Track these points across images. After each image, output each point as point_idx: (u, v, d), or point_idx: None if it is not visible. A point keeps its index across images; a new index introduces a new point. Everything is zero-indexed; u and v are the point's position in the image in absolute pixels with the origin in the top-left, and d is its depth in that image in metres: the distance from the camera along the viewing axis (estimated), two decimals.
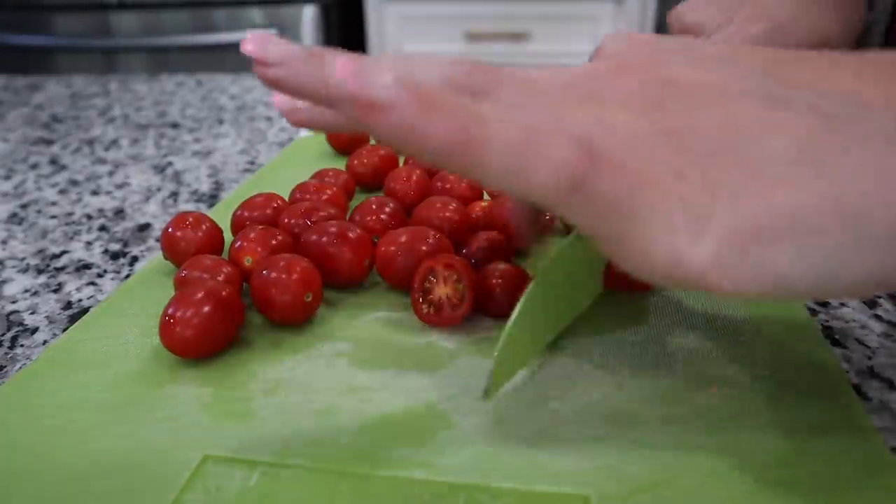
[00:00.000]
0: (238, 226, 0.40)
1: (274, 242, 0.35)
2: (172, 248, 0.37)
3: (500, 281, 0.33)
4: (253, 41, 0.22)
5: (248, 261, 0.35)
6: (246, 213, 0.40)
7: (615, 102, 0.22)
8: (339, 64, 0.19)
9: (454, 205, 0.38)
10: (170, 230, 0.37)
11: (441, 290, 0.32)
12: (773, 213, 0.19)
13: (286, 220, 0.38)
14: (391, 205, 0.39)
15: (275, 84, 0.22)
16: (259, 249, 0.35)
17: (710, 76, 0.22)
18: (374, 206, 0.39)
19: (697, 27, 0.35)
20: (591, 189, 0.19)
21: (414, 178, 0.43)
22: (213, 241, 0.37)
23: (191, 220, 0.37)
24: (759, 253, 0.19)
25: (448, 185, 0.42)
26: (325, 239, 0.35)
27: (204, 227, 0.37)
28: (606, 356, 0.30)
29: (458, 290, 0.32)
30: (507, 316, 0.31)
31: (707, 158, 0.20)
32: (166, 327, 0.29)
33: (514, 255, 0.37)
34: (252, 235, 0.35)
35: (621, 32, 0.26)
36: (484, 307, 0.33)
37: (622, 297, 0.34)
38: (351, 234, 0.35)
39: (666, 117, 0.21)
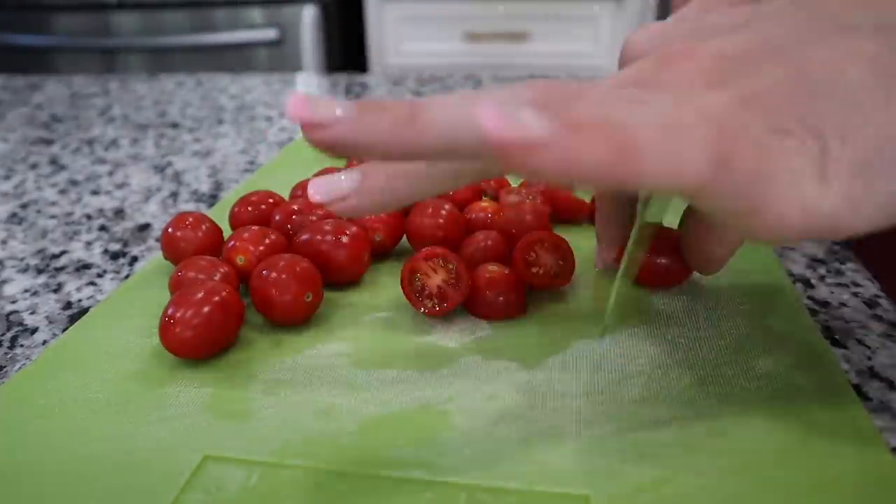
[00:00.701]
0: (235, 223, 0.40)
1: (267, 241, 0.35)
2: (172, 249, 0.37)
3: (490, 283, 0.33)
4: (297, 103, 0.20)
5: (240, 259, 0.35)
6: (243, 211, 0.40)
7: (682, 85, 0.21)
8: (481, 108, 0.18)
9: (447, 206, 0.38)
10: (170, 230, 0.37)
11: (434, 280, 0.32)
12: (877, 138, 0.19)
13: (277, 218, 0.38)
14: None
15: (333, 146, 0.20)
16: (251, 248, 0.35)
17: (755, 36, 0.21)
18: None
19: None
20: (729, 163, 0.19)
21: None
22: (213, 241, 0.37)
23: (191, 220, 0.37)
24: (879, 180, 0.19)
25: None
26: (320, 237, 0.35)
27: (204, 227, 0.37)
28: (607, 356, 0.30)
29: (450, 271, 0.32)
30: (499, 318, 0.33)
31: (799, 108, 0.20)
32: (166, 328, 0.29)
33: (508, 256, 0.37)
34: (245, 235, 0.35)
35: (632, 33, 0.26)
36: (476, 310, 0.33)
37: (624, 297, 0.34)
38: (348, 232, 0.35)
39: (735, 87, 0.20)
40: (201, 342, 0.30)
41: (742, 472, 0.24)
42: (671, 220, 0.34)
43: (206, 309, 0.29)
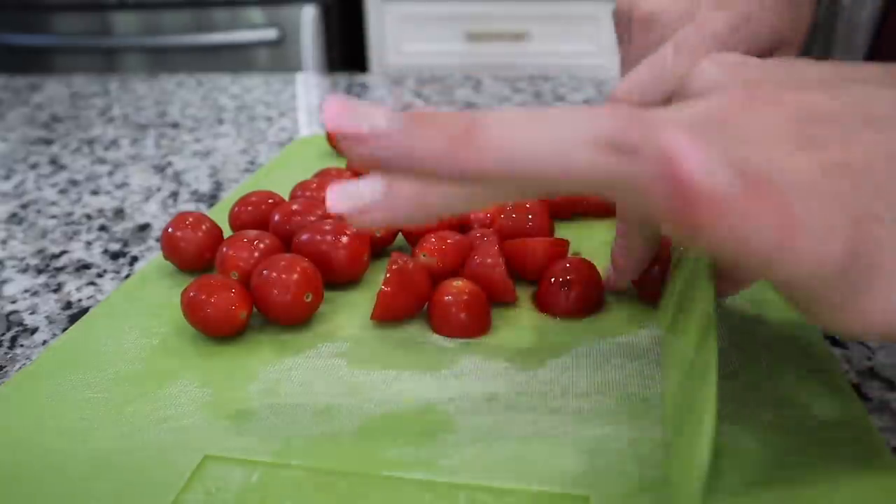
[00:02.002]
0: (235, 224, 0.40)
1: (261, 246, 0.35)
2: (172, 249, 0.37)
3: (451, 298, 0.31)
4: (336, 109, 0.18)
5: (233, 276, 0.34)
6: (243, 211, 0.40)
7: (765, 141, 0.19)
8: (674, 139, 0.16)
9: (451, 240, 0.36)
10: (170, 230, 0.37)
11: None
12: None
13: (276, 218, 0.38)
14: None
15: (378, 163, 0.18)
16: (243, 261, 0.34)
17: (845, 100, 0.20)
18: None
19: (655, 17, 0.31)
20: (861, 256, 0.18)
21: None
22: (213, 242, 0.37)
23: (191, 220, 0.37)
24: None
25: None
26: (320, 237, 0.35)
27: (204, 227, 0.37)
28: (607, 356, 0.30)
29: (432, 246, 0.34)
30: (460, 336, 0.31)
31: (887, 192, 0.18)
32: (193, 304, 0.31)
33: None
34: (237, 245, 0.34)
35: (707, 60, 0.22)
36: (437, 328, 0.32)
37: (625, 298, 0.34)
38: (348, 232, 0.35)
39: (823, 149, 0.18)
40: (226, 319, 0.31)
41: (742, 472, 0.24)
42: None
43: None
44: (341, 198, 0.20)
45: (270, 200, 0.40)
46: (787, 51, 0.31)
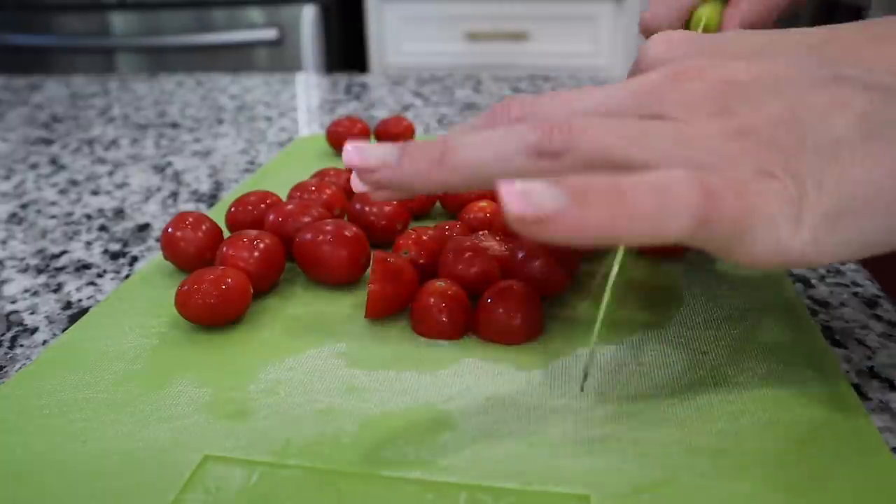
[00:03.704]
0: (232, 225, 0.40)
1: (262, 246, 0.34)
2: (172, 249, 0.37)
3: (436, 300, 0.31)
4: (351, 152, 0.25)
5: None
6: (240, 212, 0.40)
7: (683, 113, 0.23)
8: (504, 187, 0.20)
9: (430, 232, 0.37)
10: (170, 230, 0.37)
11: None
12: (852, 188, 0.21)
13: (271, 218, 0.38)
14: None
15: (382, 187, 0.25)
16: (243, 260, 0.34)
17: (764, 68, 0.23)
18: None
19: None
20: (711, 221, 0.21)
21: None
22: (213, 241, 0.37)
23: (191, 220, 0.37)
24: (848, 225, 0.21)
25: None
26: (321, 237, 0.35)
27: (204, 227, 0.37)
28: (607, 356, 0.30)
29: (411, 241, 0.35)
30: (441, 338, 0.31)
31: (784, 151, 0.21)
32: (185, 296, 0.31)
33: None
34: (237, 246, 0.34)
35: (656, 36, 0.27)
36: (418, 328, 0.32)
37: (628, 300, 0.34)
38: (347, 233, 0.35)
39: (736, 117, 0.22)
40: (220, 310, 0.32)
41: (742, 472, 0.24)
42: None
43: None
44: (356, 155, 0.25)
45: (268, 201, 0.40)
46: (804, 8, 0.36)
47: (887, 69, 0.22)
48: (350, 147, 0.25)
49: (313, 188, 0.42)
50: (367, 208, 0.39)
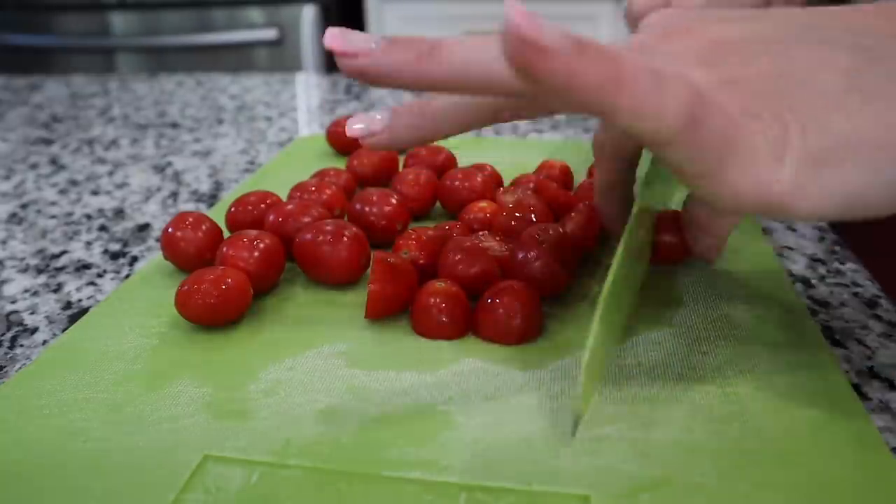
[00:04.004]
0: (232, 225, 0.40)
1: (262, 246, 0.34)
2: (172, 249, 0.37)
3: (436, 300, 0.31)
4: (333, 35, 0.23)
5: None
6: (239, 212, 0.40)
7: (673, 57, 0.23)
8: (513, 4, 0.19)
9: (430, 232, 0.37)
10: (170, 230, 0.37)
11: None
12: (835, 137, 0.21)
13: (272, 218, 0.38)
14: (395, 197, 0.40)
15: (362, 74, 0.23)
16: (243, 260, 0.34)
17: (754, 29, 0.24)
18: (374, 198, 0.40)
19: (647, 8, 0.36)
20: (703, 123, 0.21)
21: (422, 179, 0.43)
22: (213, 241, 0.37)
23: (191, 219, 0.37)
24: (829, 174, 0.21)
25: (457, 184, 0.42)
26: (321, 237, 0.35)
27: (204, 227, 0.37)
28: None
29: (412, 241, 0.35)
30: (441, 338, 0.31)
31: (772, 98, 0.22)
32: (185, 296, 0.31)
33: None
34: (237, 246, 0.34)
35: (651, 13, 0.28)
36: (418, 328, 0.32)
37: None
38: (347, 233, 0.35)
39: (724, 70, 0.23)
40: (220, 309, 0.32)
41: (742, 472, 0.24)
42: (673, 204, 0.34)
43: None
44: (356, 123, 0.27)
45: (268, 201, 0.40)
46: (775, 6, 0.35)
47: (869, 34, 0.23)
48: (333, 30, 0.23)
49: (313, 188, 0.42)
50: (367, 208, 0.39)
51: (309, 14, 1.50)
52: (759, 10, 0.26)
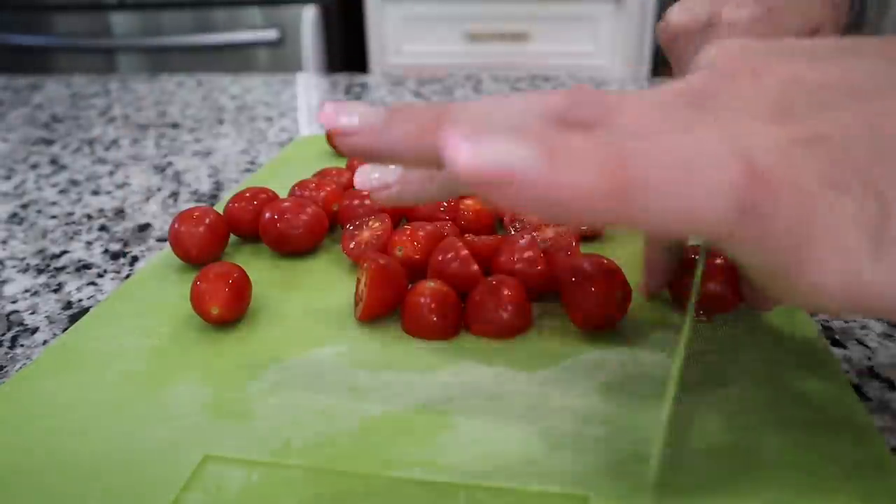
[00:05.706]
0: (231, 220, 0.40)
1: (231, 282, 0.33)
2: (179, 243, 0.37)
3: (427, 300, 0.31)
4: (329, 112, 0.21)
5: (214, 310, 0.32)
6: (238, 208, 0.40)
7: (739, 109, 0.19)
8: (447, 137, 0.16)
9: (425, 230, 0.37)
10: (176, 225, 0.38)
11: (365, 235, 0.36)
12: None
13: (267, 216, 0.38)
14: None
15: (359, 153, 0.21)
16: (224, 296, 0.32)
17: (831, 72, 0.19)
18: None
19: (684, 27, 0.33)
20: (760, 211, 0.17)
21: None
22: (219, 235, 0.38)
23: (197, 213, 0.38)
24: None
25: None
26: (277, 215, 0.38)
27: (207, 220, 0.38)
28: (606, 359, 0.30)
29: (406, 239, 0.35)
30: (431, 338, 0.31)
31: (861, 164, 0.17)
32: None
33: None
34: (209, 281, 0.33)
35: (711, 43, 0.22)
36: (409, 328, 0.32)
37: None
38: (308, 209, 0.38)
39: (800, 122, 0.18)
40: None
41: (742, 471, 0.24)
42: None
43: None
44: (365, 177, 0.26)
45: (263, 196, 0.40)
46: (823, 35, 0.32)
47: None
48: (329, 106, 0.21)
49: (313, 185, 0.42)
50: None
51: (309, 15, 1.50)
52: (844, 42, 0.21)
